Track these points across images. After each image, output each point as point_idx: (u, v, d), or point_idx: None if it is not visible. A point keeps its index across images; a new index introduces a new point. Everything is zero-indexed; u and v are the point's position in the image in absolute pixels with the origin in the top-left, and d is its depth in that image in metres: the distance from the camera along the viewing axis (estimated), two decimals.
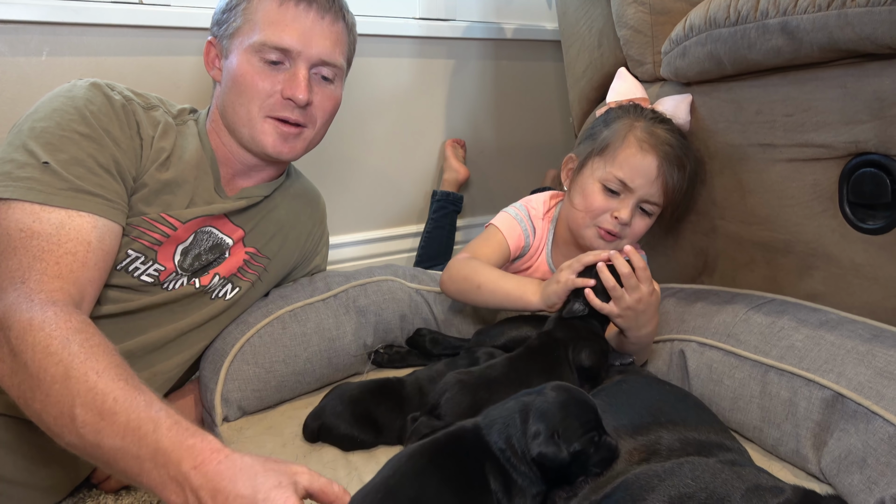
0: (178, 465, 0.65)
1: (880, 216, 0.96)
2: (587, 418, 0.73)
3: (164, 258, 1.00)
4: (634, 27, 1.26)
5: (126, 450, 0.67)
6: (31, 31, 1.28)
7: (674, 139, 1.12)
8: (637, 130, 1.12)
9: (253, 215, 1.12)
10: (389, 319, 1.20)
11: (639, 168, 1.10)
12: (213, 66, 1.08)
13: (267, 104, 1.02)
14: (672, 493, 0.62)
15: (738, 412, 0.95)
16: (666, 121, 1.15)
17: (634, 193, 1.11)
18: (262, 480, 0.64)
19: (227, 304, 1.10)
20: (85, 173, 0.87)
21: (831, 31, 0.87)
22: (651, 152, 1.10)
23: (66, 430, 0.69)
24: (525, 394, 0.76)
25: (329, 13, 1.04)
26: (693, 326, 1.07)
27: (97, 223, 0.87)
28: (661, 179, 1.10)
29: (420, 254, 1.80)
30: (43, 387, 0.70)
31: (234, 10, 1.03)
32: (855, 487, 0.78)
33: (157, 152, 0.99)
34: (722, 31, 1.01)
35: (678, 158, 1.11)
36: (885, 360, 0.83)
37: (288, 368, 1.08)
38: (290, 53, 1.01)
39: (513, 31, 1.96)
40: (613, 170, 1.11)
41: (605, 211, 1.13)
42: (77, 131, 0.89)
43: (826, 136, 0.97)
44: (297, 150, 1.08)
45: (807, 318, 0.96)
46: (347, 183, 1.77)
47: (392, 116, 1.80)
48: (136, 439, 0.67)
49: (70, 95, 0.92)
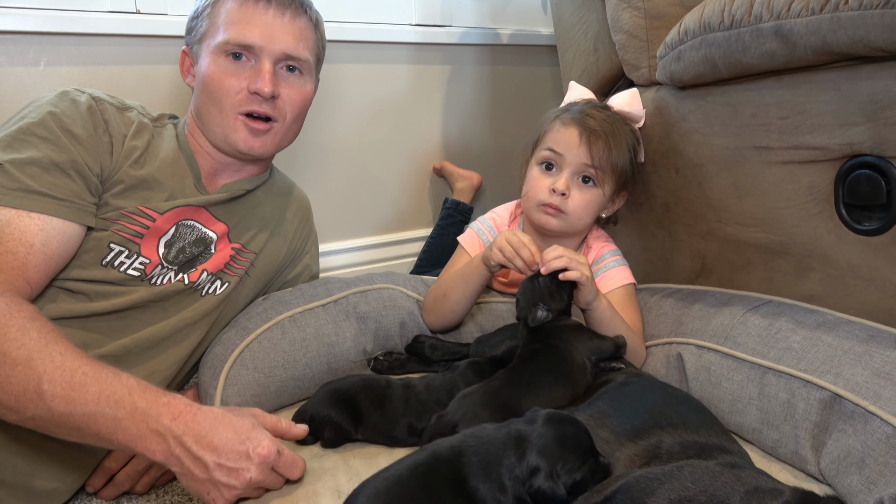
0: (158, 419, 0.75)
1: (876, 217, 0.96)
2: (584, 448, 0.73)
3: (148, 251, 1.02)
4: (630, 32, 1.27)
5: (101, 413, 0.75)
6: (29, 42, 1.29)
7: (598, 113, 1.18)
8: (561, 113, 1.21)
9: (236, 210, 1.14)
10: (389, 326, 1.20)
11: (561, 138, 1.17)
12: (188, 74, 1.13)
13: (235, 101, 1.06)
14: (672, 496, 0.62)
15: (736, 414, 0.96)
16: (596, 105, 1.22)
17: (566, 163, 1.16)
18: (238, 424, 0.78)
19: (218, 300, 1.11)
20: (38, 172, 0.90)
21: (825, 34, 0.88)
22: (572, 124, 1.17)
23: (31, 405, 0.75)
24: (512, 422, 0.75)
25: (289, 10, 1.08)
26: (691, 329, 1.07)
27: (45, 225, 0.89)
28: (585, 145, 1.15)
29: (422, 258, 1.80)
30: (3, 369, 0.75)
31: (200, 16, 1.09)
32: (854, 488, 0.78)
33: (129, 150, 1.02)
34: (716, 36, 1.02)
35: (602, 128, 1.16)
36: (881, 361, 0.83)
37: (287, 374, 1.08)
38: (253, 49, 1.05)
39: (509, 36, 1.96)
40: (543, 146, 1.19)
41: (544, 187, 1.18)
42: (36, 134, 0.92)
43: (821, 138, 0.98)
44: (268, 146, 1.11)
45: (804, 319, 0.97)
46: (343, 189, 1.78)
47: (389, 123, 1.81)
48: (113, 403, 0.75)
49: (38, 104, 0.97)
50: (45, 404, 0.74)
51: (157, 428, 0.75)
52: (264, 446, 0.77)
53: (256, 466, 0.77)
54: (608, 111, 1.22)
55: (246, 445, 0.76)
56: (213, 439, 0.75)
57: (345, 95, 1.70)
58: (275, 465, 0.79)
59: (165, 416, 0.75)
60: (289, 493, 0.82)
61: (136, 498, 0.99)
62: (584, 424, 0.77)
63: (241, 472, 0.76)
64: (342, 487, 0.84)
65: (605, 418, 0.83)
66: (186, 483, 0.78)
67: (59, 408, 0.74)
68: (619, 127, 1.19)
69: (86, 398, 0.75)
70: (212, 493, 0.77)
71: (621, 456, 0.77)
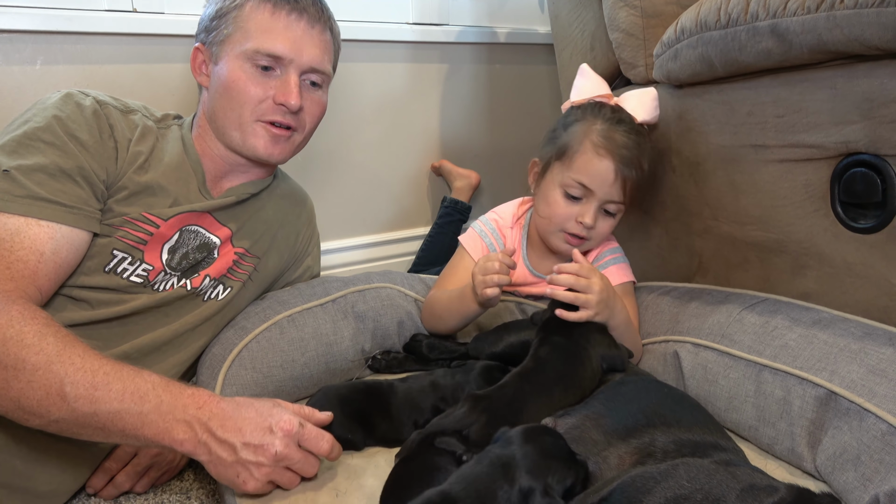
0: (185, 409, 0.77)
1: (871, 215, 0.97)
2: (565, 453, 0.74)
3: (151, 257, 1.01)
4: (626, 30, 1.27)
5: (126, 410, 0.76)
6: (25, 40, 1.29)
7: (630, 141, 1.12)
8: (593, 135, 1.12)
9: (240, 214, 1.13)
10: (387, 325, 1.20)
11: (596, 173, 1.11)
12: (201, 72, 1.10)
13: (259, 109, 1.05)
14: (668, 494, 0.62)
15: (733, 412, 0.96)
16: (623, 120, 1.14)
17: (595, 196, 1.12)
18: (259, 404, 0.81)
19: (220, 304, 1.10)
20: (46, 179, 0.89)
21: (820, 32, 0.88)
22: (607, 157, 1.10)
23: (55, 408, 0.75)
24: (489, 451, 0.74)
25: (319, 23, 1.08)
26: (687, 327, 1.08)
27: (55, 233, 0.89)
28: (619, 181, 1.12)
29: (420, 256, 1.80)
30: (23, 376, 0.75)
31: (224, 17, 1.06)
32: (850, 485, 0.78)
33: (133, 155, 1.01)
34: (713, 34, 1.02)
35: (635, 159, 1.12)
36: (876, 358, 0.84)
37: (285, 373, 1.08)
38: (282, 61, 1.05)
39: (506, 34, 1.96)
40: (572, 174, 1.12)
41: (568, 217, 1.14)
42: (41, 139, 0.91)
43: (817, 136, 0.98)
44: (286, 153, 1.12)
45: (800, 317, 0.97)
46: (342, 188, 1.78)
47: (386, 121, 1.81)
48: (137, 398, 0.77)
49: (42, 106, 0.96)
50: (69, 406, 0.75)
51: (184, 417, 0.77)
52: (286, 419, 0.80)
53: (280, 440, 0.78)
54: (637, 131, 1.15)
55: (268, 421, 0.79)
56: (237, 421, 0.78)
57: (341, 94, 1.70)
58: (300, 440, 0.81)
59: (191, 406, 0.78)
60: (288, 493, 0.82)
61: (133, 497, 0.99)
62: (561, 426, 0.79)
63: (266, 447, 0.78)
64: (340, 486, 0.84)
65: (599, 418, 0.83)
66: (216, 472, 0.79)
67: (83, 408, 0.75)
68: (645, 151, 1.15)
69: (110, 396, 0.76)
70: (242, 474, 0.78)
71: (611, 455, 0.77)
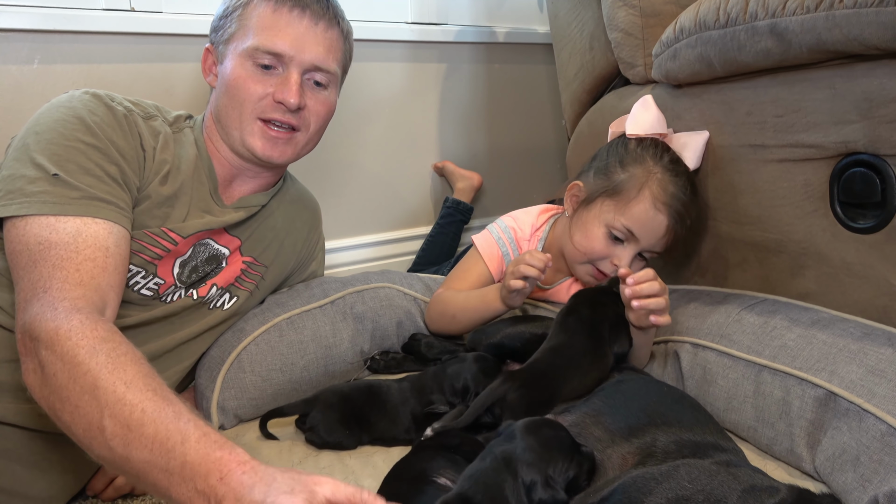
0: (206, 479, 0.64)
1: (870, 215, 0.97)
2: (567, 445, 0.74)
3: (164, 272, 1.00)
4: (625, 30, 1.27)
5: (154, 463, 0.66)
6: (23, 39, 1.28)
7: (686, 197, 1.11)
8: (653, 184, 1.10)
9: (249, 224, 1.12)
10: (386, 326, 1.20)
11: (649, 225, 1.10)
12: (210, 73, 1.09)
13: (258, 107, 1.03)
14: (669, 495, 0.62)
15: (732, 412, 0.96)
16: (681, 173, 1.12)
17: (639, 244, 1.12)
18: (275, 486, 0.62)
19: (226, 314, 1.10)
20: (95, 182, 0.88)
21: (819, 32, 0.88)
22: (664, 211, 1.09)
23: (96, 442, 0.68)
24: (493, 446, 0.75)
25: (322, 20, 1.05)
26: (686, 328, 1.07)
27: (112, 229, 0.87)
28: (667, 238, 1.12)
29: (420, 256, 1.80)
30: (72, 398, 0.69)
31: (229, 16, 1.05)
32: (849, 485, 0.78)
33: (159, 164, 0.99)
34: (712, 34, 1.02)
35: (688, 217, 1.13)
36: (876, 358, 0.84)
37: (284, 377, 1.08)
38: (283, 58, 1.02)
39: (504, 34, 1.96)
40: (623, 219, 1.10)
41: (605, 256, 1.13)
42: (82, 140, 0.89)
43: (816, 136, 0.98)
44: (287, 155, 1.08)
45: (799, 317, 0.97)
46: (341, 187, 1.77)
47: (385, 121, 1.81)
48: (164, 452, 0.66)
49: (70, 105, 0.92)
50: (107, 443, 0.67)
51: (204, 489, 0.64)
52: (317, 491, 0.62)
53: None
54: (692, 188, 1.13)
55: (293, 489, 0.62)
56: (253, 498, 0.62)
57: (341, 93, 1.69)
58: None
59: (214, 474, 0.64)
60: None
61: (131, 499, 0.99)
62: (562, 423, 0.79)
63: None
64: None
65: (600, 416, 0.83)
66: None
67: (118, 449, 0.66)
68: (696, 208, 1.15)
69: (142, 441, 0.66)
70: None
71: (614, 454, 0.78)
